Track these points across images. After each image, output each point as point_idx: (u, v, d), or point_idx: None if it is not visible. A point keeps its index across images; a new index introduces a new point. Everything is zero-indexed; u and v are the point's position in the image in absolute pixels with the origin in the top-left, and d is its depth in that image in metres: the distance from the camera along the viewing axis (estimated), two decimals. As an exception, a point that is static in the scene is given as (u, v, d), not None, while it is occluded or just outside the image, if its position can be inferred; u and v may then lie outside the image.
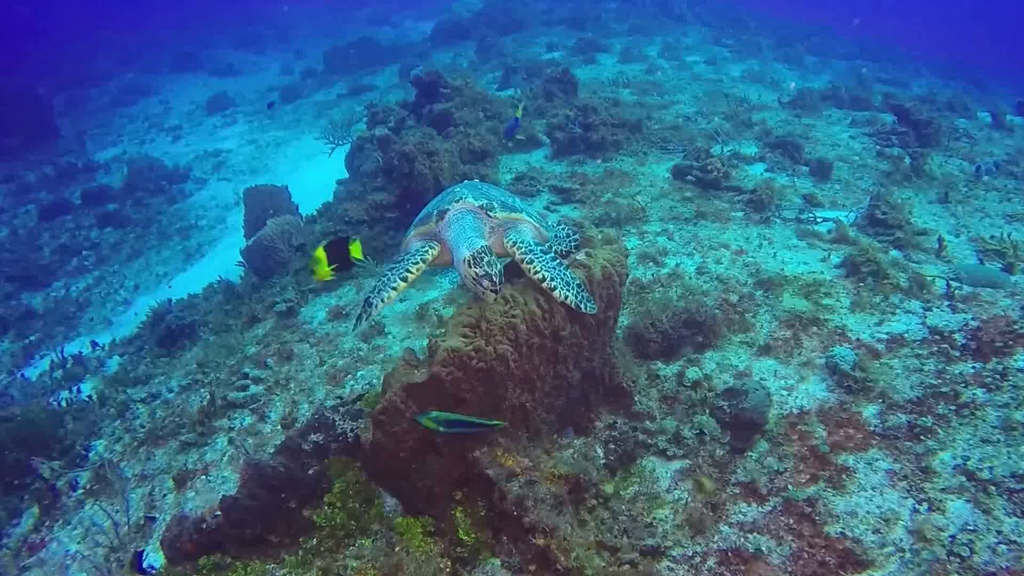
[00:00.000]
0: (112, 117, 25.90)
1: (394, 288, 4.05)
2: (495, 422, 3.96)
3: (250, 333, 7.99)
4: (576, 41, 22.32)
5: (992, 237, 8.11)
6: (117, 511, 5.88)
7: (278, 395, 6.66)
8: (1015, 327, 5.49)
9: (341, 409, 4.98)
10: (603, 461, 4.68)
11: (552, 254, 4.28)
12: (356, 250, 4.04)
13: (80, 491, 6.41)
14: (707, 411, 5.05)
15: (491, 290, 3.87)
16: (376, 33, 29.04)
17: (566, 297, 4.08)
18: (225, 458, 6.16)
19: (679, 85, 17.11)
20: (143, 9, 44.47)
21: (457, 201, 4.32)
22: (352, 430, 4.72)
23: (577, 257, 4.52)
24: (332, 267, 4.10)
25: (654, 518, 4.38)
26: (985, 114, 15.40)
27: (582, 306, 4.11)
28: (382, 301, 4.02)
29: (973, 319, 5.87)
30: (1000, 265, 7.22)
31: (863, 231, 8.10)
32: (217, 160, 19.34)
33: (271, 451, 5.66)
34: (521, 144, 11.50)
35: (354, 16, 40.97)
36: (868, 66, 24.05)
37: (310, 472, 4.62)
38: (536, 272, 4.10)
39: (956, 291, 6.39)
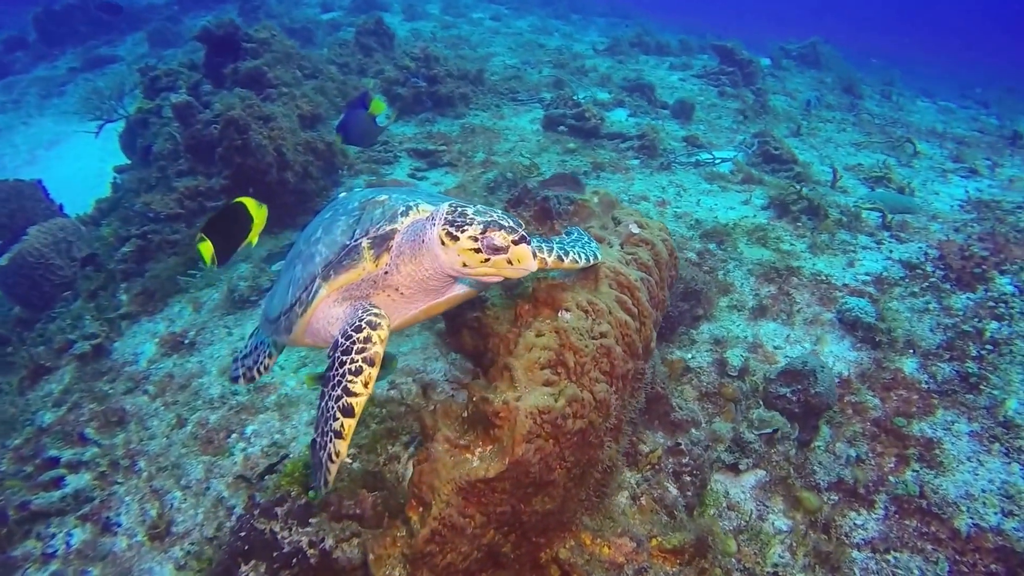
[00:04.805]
0: None
1: (342, 439, 2.19)
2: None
3: (37, 393, 5.18)
4: (352, 0, 20.05)
5: (858, 165, 8.34)
6: None
7: (123, 484, 4.23)
8: (971, 250, 5.33)
9: (278, 511, 3.05)
10: (684, 502, 3.42)
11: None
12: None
13: None
14: (760, 402, 4.05)
15: (512, 235, 2.06)
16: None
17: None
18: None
19: (484, 39, 16.12)
20: None
21: (406, 213, 2.41)
22: (312, 543, 2.88)
23: (633, 230, 3.10)
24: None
25: (774, 564, 3.27)
26: (763, 58, 16.71)
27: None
28: (336, 455, 2.19)
29: (929, 247, 5.67)
30: (894, 190, 7.32)
31: (761, 168, 7.76)
32: (-94, 158, 13.93)
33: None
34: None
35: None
36: (625, 22, 25.15)
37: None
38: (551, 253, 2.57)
39: (892, 221, 6.21)
